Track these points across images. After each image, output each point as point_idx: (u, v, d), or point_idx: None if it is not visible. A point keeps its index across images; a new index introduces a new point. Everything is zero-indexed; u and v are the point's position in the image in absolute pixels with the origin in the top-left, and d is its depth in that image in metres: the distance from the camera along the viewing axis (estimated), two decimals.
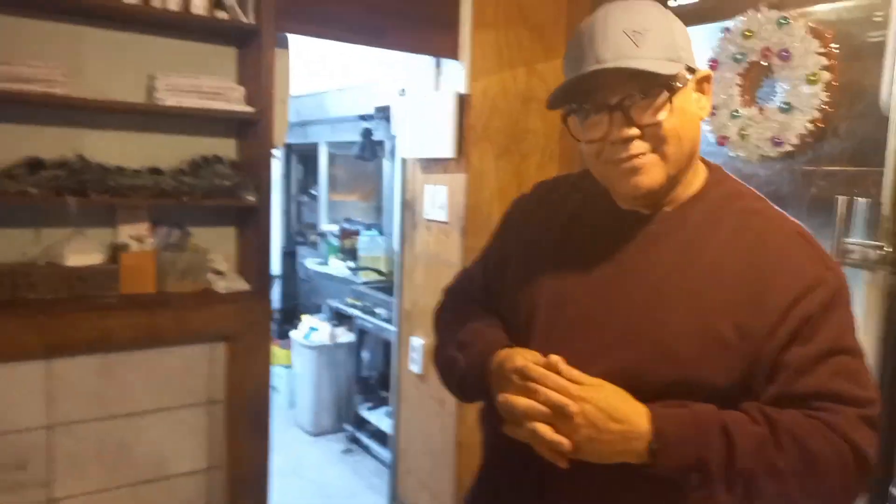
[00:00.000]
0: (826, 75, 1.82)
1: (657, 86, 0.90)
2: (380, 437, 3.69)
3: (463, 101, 2.49)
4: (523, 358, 0.93)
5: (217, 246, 2.30)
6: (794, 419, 0.85)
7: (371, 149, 3.99)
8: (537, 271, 1.04)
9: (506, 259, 1.12)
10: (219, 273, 2.26)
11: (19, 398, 1.86)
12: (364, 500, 3.25)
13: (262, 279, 2.24)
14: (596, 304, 0.96)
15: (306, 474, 3.51)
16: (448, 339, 1.14)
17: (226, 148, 2.27)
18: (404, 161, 2.89)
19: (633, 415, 0.86)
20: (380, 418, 3.71)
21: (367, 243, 4.10)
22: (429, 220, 2.73)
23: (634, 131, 0.91)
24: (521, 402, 0.88)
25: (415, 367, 2.82)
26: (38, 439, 1.90)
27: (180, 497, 2.17)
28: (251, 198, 2.16)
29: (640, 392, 0.88)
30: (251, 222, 2.25)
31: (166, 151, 2.16)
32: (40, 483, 1.91)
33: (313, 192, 5.06)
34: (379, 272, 4.00)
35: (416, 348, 2.80)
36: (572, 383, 0.87)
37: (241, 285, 2.24)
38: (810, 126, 1.85)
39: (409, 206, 2.87)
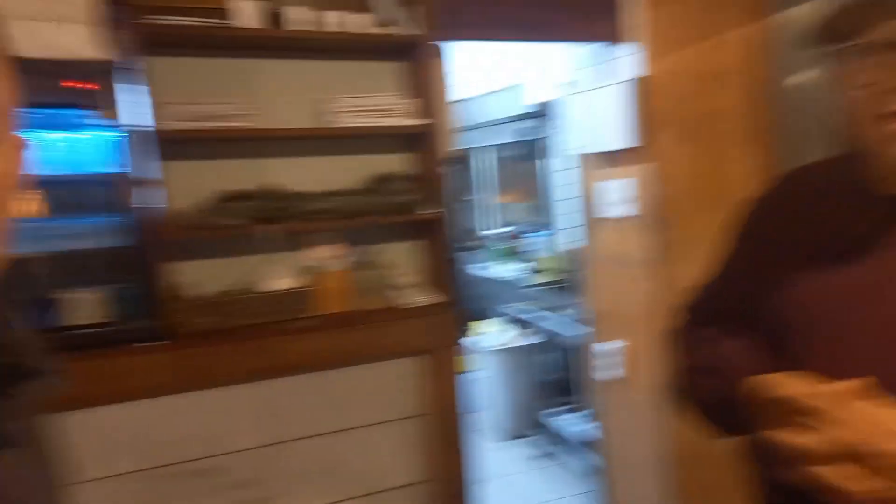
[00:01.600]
0: None
1: None
2: (574, 441, 3.55)
3: (640, 86, 2.30)
4: (795, 385, 0.75)
5: (402, 260, 2.31)
6: None
7: (530, 148, 3.87)
8: (799, 277, 0.86)
9: (755, 266, 0.94)
10: (406, 288, 2.27)
11: (235, 421, 1.96)
12: None
13: (448, 290, 2.22)
14: (880, 311, 0.77)
15: (503, 481, 3.47)
16: (691, 363, 0.98)
17: (400, 162, 2.28)
18: (577, 157, 2.74)
19: None
20: (573, 423, 3.57)
21: (538, 244, 3.99)
22: (610, 217, 2.56)
23: None
24: (793, 440, 0.71)
25: (611, 372, 2.66)
26: (264, 457, 2.00)
27: None
28: (429, 211, 2.14)
29: None
30: (431, 234, 2.23)
31: (345, 172, 2.20)
32: (269, 498, 2.01)
33: (471, 197, 5.05)
34: (551, 273, 3.86)
35: (614, 352, 2.64)
36: (869, 413, 0.68)
37: (428, 298, 2.23)
38: None
39: (587, 204, 2.72)
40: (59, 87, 1.68)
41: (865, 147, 0.80)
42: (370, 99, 2.11)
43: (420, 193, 2.14)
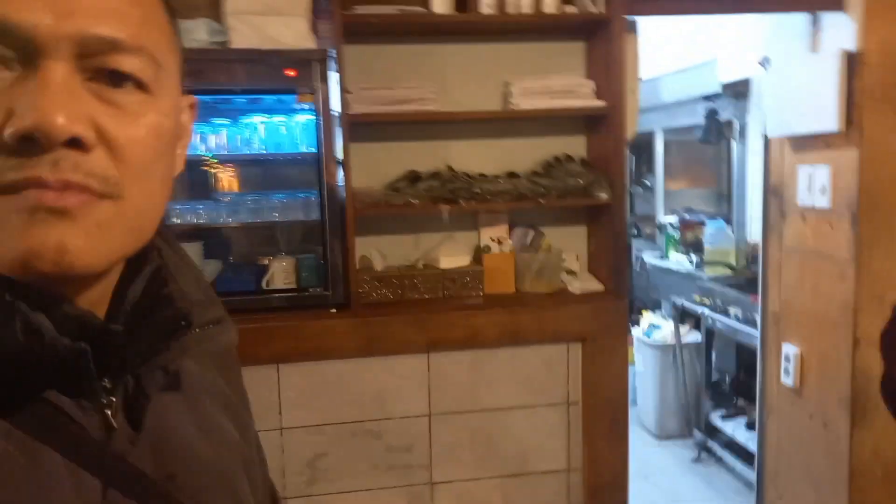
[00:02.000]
0: None
1: None
2: (736, 449, 3.32)
3: (852, 60, 2.05)
4: None
5: (568, 245, 2.27)
6: None
7: (716, 131, 3.62)
8: None
9: None
10: (571, 273, 2.24)
11: (398, 389, 2.06)
12: None
13: (617, 279, 2.15)
14: None
15: (656, 480, 3.34)
16: None
17: (576, 145, 2.23)
18: (769, 140, 2.52)
19: None
20: (736, 429, 3.34)
21: (713, 235, 3.73)
22: (804, 208, 2.33)
23: None
24: None
25: (787, 379, 2.44)
26: (421, 426, 2.09)
27: (542, 495, 2.19)
28: (604, 195, 2.07)
29: None
30: (603, 220, 2.17)
31: (521, 155, 2.20)
32: (423, 466, 2.10)
33: (647, 182, 4.83)
34: (729, 267, 3.61)
35: (790, 357, 2.42)
36: None
37: (595, 286, 2.18)
38: None
39: (776, 192, 2.49)
40: (270, 75, 1.83)
41: None
42: (553, 80, 2.08)
43: (595, 177, 2.09)
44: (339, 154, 1.91)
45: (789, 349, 2.42)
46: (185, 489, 0.47)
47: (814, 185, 2.27)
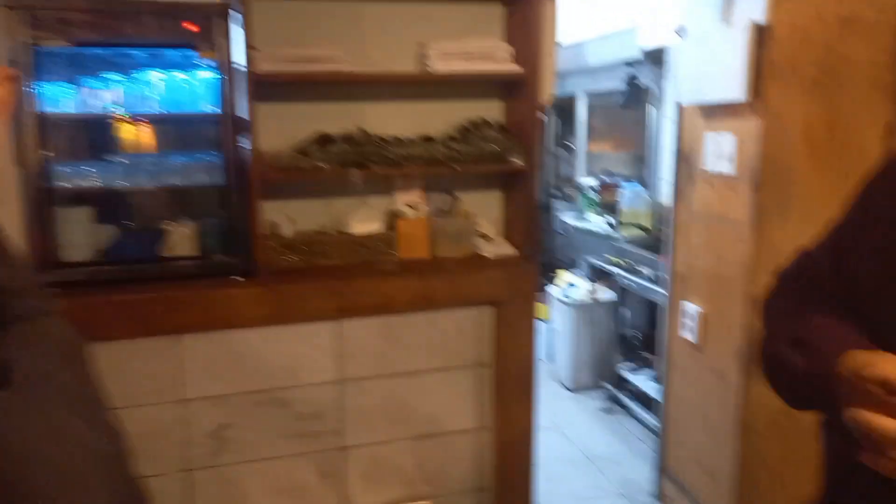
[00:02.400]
0: None
1: None
2: (641, 399, 3.52)
3: (761, 33, 2.10)
4: (893, 365, 0.70)
5: (483, 210, 2.28)
6: None
7: (636, 96, 3.67)
8: None
9: (870, 239, 0.86)
10: (486, 238, 2.25)
11: (316, 355, 2.04)
12: (629, 466, 3.13)
13: (529, 244, 2.18)
14: None
15: (566, 431, 3.49)
16: (779, 331, 0.93)
17: (493, 110, 2.21)
18: (681, 107, 2.57)
19: None
20: (642, 381, 3.52)
21: (629, 197, 3.83)
22: (710, 173, 2.41)
23: None
24: (887, 424, 0.68)
25: (688, 335, 2.57)
26: (332, 393, 2.08)
27: (453, 454, 2.25)
28: (519, 161, 2.08)
29: None
30: (518, 185, 2.18)
31: (436, 118, 2.16)
32: (334, 431, 2.10)
33: (569, 144, 4.88)
34: (642, 228, 3.73)
35: (691, 314, 2.54)
36: None
37: (508, 250, 2.20)
38: None
39: (686, 158, 2.57)
40: (168, 28, 1.71)
41: None
42: (471, 44, 2.04)
43: (511, 142, 2.08)
44: (246, 114, 1.82)
45: (691, 307, 2.54)
46: (26, 494, 0.44)
47: (720, 152, 2.34)
